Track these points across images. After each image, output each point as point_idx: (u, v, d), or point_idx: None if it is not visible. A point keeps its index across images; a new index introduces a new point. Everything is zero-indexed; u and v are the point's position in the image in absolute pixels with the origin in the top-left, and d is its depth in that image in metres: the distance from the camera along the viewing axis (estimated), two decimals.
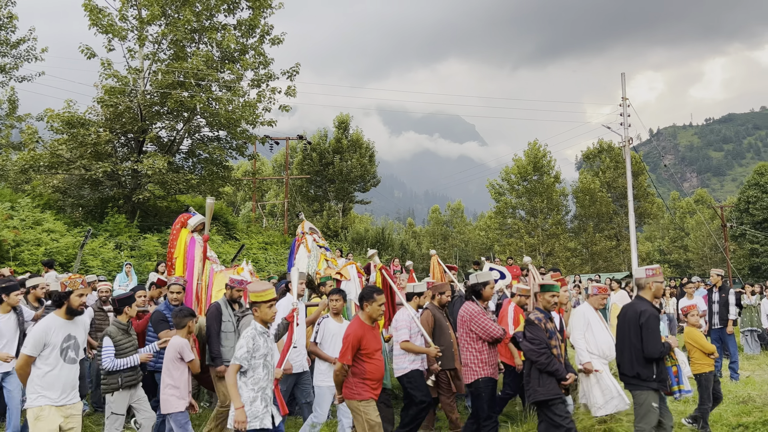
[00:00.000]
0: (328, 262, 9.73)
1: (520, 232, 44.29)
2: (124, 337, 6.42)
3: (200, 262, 8.19)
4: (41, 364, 5.09)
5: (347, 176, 40.19)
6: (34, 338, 5.08)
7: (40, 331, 5.12)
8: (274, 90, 22.84)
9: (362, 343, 5.54)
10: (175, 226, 8.46)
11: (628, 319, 6.19)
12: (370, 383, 5.61)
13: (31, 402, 5.06)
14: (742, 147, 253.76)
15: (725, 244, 43.24)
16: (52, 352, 5.12)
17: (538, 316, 6.11)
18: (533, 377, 5.99)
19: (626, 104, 24.28)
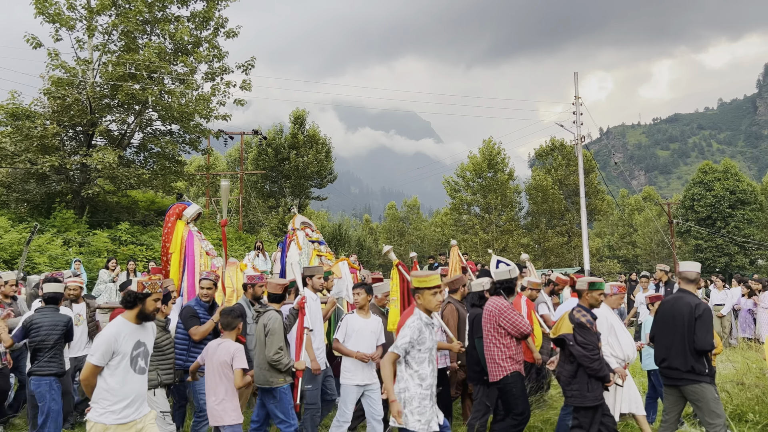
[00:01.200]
0: (321, 257, 9.28)
1: (475, 229, 44.81)
2: (162, 334, 6.12)
3: (200, 258, 7.67)
4: (108, 375, 4.51)
5: (303, 172, 39.91)
6: (102, 345, 4.48)
7: (109, 337, 4.53)
8: (229, 84, 22.51)
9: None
10: (169, 218, 7.80)
11: (677, 313, 5.99)
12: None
13: (95, 416, 4.49)
14: (687, 146, 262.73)
15: (671, 240, 44.72)
16: (121, 361, 4.55)
17: (589, 318, 5.91)
18: (581, 381, 5.80)
19: (579, 103, 24.84)
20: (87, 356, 4.53)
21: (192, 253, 7.62)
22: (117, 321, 4.69)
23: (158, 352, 6.02)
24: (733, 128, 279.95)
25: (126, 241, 19.23)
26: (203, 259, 7.70)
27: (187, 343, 6.58)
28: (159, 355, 6.04)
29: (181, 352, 6.54)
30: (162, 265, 7.86)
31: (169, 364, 6.17)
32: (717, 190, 52.29)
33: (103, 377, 4.51)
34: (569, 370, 5.92)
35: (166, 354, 6.16)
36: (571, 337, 5.86)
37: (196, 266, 7.56)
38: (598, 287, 6.20)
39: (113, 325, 4.65)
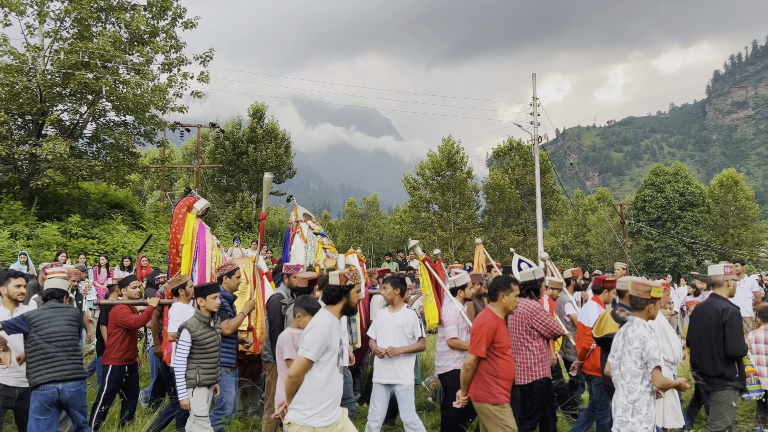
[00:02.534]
0: (327, 250, 8.99)
1: (433, 226, 45.11)
2: (205, 330, 5.84)
3: (212, 250, 7.49)
4: (318, 371, 4.26)
5: (261, 166, 39.47)
6: (319, 340, 4.23)
7: (324, 331, 4.27)
8: (186, 75, 22.11)
9: (496, 336, 5.00)
10: (180, 210, 7.56)
11: (707, 318, 6.01)
12: (503, 383, 5.08)
13: (301, 419, 4.26)
14: (640, 149, 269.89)
15: (623, 240, 45.91)
16: (331, 357, 4.32)
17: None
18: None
19: (536, 104, 25.26)
20: (299, 350, 4.29)
21: (203, 246, 7.44)
22: (325, 315, 4.45)
23: (201, 350, 5.76)
24: (683, 132, 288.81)
25: (77, 234, 18.73)
26: (214, 251, 7.56)
27: None
28: (202, 352, 5.78)
29: None
30: (171, 257, 7.61)
31: (213, 363, 5.88)
32: (667, 192, 53.95)
33: (312, 374, 4.27)
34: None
35: (210, 352, 5.86)
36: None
37: (208, 258, 7.41)
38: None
39: (325, 319, 4.40)
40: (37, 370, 5.42)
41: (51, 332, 5.54)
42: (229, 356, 6.44)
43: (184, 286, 6.76)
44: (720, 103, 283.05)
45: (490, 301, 5.27)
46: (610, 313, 6.07)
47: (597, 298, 7.26)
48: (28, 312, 5.64)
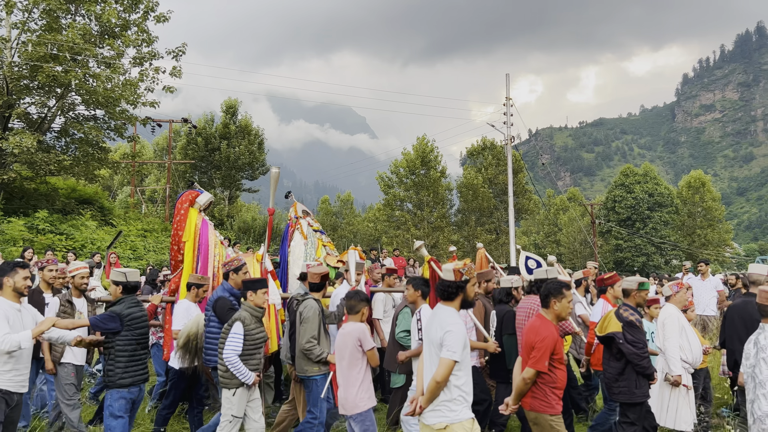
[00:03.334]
0: (326, 247, 8.86)
1: (407, 225, 45.21)
2: (257, 325, 5.68)
3: (215, 247, 7.24)
4: (458, 370, 4.27)
5: (234, 163, 39.13)
6: (461, 339, 4.23)
7: (463, 329, 4.28)
8: (158, 70, 21.82)
9: (556, 348, 4.88)
10: (182, 205, 7.32)
11: (747, 317, 5.91)
12: (559, 393, 4.96)
13: (459, 416, 4.23)
14: (610, 149, 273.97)
15: (593, 240, 46.58)
16: (468, 354, 4.35)
17: (637, 317, 5.92)
18: (629, 378, 5.78)
19: (509, 104, 25.46)
20: (444, 353, 4.22)
21: (206, 242, 7.20)
22: (452, 312, 4.41)
23: (250, 346, 5.56)
24: (653, 134, 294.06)
25: (44, 230, 18.36)
26: (218, 249, 7.33)
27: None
28: (251, 348, 5.58)
29: (216, 347, 6.05)
30: (173, 254, 7.37)
31: (258, 360, 5.68)
32: (637, 193, 54.84)
33: (455, 374, 4.25)
34: (616, 368, 5.90)
35: (258, 349, 5.66)
36: (621, 335, 5.83)
37: (211, 255, 7.19)
38: (646, 287, 6.26)
39: (456, 317, 4.37)
40: (126, 371, 5.48)
41: (142, 333, 5.65)
42: None
43: (200, 287, 6.61)
44: (688, 105, 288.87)
45: (542, 308, 5.13)
46: (614, 312, 6.11)
47: (605, 297, 7.43)
48: (119, 308, 5.59)
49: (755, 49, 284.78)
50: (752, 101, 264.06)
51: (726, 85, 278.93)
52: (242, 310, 5.70)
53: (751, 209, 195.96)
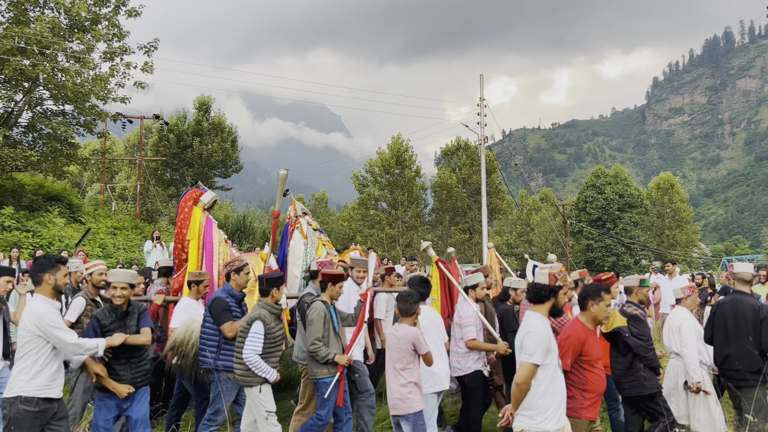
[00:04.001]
0: (326, 247, 8.75)
1: (382, 224, 45.26)
2: (276, 323, 5.59)
3: (219, 245, 7.10)
4: (542, 375, 4.18)
5: (207, 161, 38.70)
6: (542, 343, 4.16)
7: (543, 333, 4.21)
8: (129, 65, 21.45)
9: (584, 348, 4.78)
10: (186, 203, 7.16)
11: (739, 315, 6.00)
12: (591, 396, 4.86)
13: (532, 424, 4.17)
14: (582, 151, 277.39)
15: (565, 240, 47.12)
16: (553, 359, 4.22)
17: (641, 312, 6.05)
18: (637, 372, 5.86)
19: (483, 105, 25.61)
20: (523, 356, 4.17)
21: (210, 241, 7.06)
22: (538, 317, 4.36)
23: (270, 344, 5.50)
24: (624, 136, 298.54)
25: (10, 227, 17.96)
26: (222, 247, 7.20)
27: (217, 339, 5.87)
28: (271, 346, 5.52)
29: (212, 349, 5.86)
30: (176, 253, 7.18)
31: (278, 358, 5.63)
32: (608, 194, 55.64)
33: (537, 378, 4.18)
34: (624, 363, 5.98)
35: (277, 346, 5.62)
36: (626, 330, 5.94)
37: (215, 254, 7.06)
38: (647, 284, 6.47)
39: (540, 321, 4.31)
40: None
41: None
42: (232, 360, 5.98)
43: (199, 283, 6.46)
44: (658, 108, 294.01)
45: (581, 311, 5.08)
46: (618, 310, 6.21)
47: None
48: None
49: (723, 54, 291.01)
50: (719, 105, 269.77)
51: (695, 89, 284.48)
52: (260, 308, 5.61)
53: (718, 211, 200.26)
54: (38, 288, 4.74)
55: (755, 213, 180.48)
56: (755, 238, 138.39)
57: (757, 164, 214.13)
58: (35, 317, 4.51)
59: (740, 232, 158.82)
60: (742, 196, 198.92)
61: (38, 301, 4.65)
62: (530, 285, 4.61)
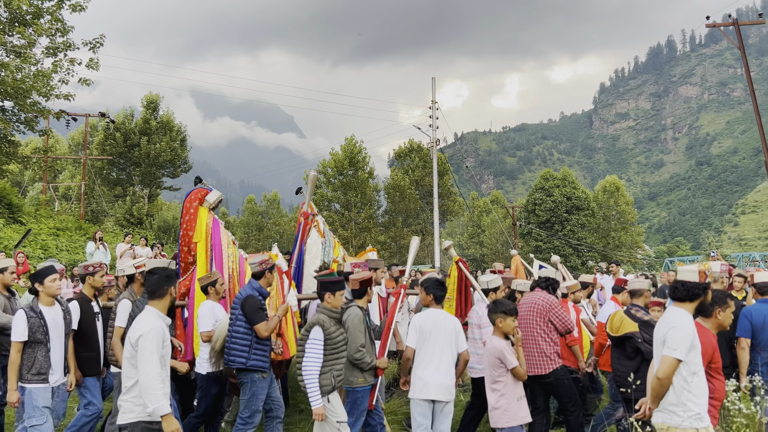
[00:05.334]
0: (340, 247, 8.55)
1: (335, 225, 45.13)
2: (337, 328, 5.36)
3: (228, 247, 6.77)
4: (685, 371, 4.10)
5: (155, 160, 37.87)
6: (686, 339, 4.09)
7: (690, 329, 4.13)
8: (73, 61, 20.79)
9: (714, 356, 4.71)
10: (191, 204, 6.77)
11: None
12: (716, 404, 4.72)
13: (679, 421, 4.08)
14: (532, 154, 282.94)
15: (514, 241, 47.95)
16: (696, 356, 4.15)
17: (651, 317, 6.14)
18: (645, 376, 5.73)
19: (435, 108, 25.84)
20: (666, 350, 4.09)
21: (219, 243, 6.71)
22: (685, 314, 4.28)
23: (333, 350, 5.26)
24: (571, 140, 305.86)
25: None
26: (231, 249, 6.86)
27: (249, 339, 5.72)
28: (334, 352, 5.28)
29: (243, 349, 5.71)
30: (183, 256, 6.82)
31: (342, 364, 5.42)
32: (556, 196, 56.86)
33: (680, 374, 4.10)
34: (630, 366, 6.02)
35: (340, 352, 5.37)
36: (639, 335, 5.96)
37: (225, 257, 6.73)
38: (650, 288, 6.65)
39: (687, 318, 4.22)
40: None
41: None
42: (264, 360, 5.85)
43: (214, 283, 6.21)
44: (605, 113, 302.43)
45: (702, 317, 4.94)
46: (624, 312, 6.27)
47: (615, 298, 7.61)
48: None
49: (666, 61, 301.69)
50: (663, 111, 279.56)
51: (639, 95, 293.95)
52: (320, 312, 5.40)
53: (661, 213, 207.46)
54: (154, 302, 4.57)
55: (696, 216, 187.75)
56: (696, 239, 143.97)
57: (698, 169, 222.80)
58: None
59: (682, 234, 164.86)
60: (684, 199, 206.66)
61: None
62: (678, 282, 4.54)
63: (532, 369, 6.20)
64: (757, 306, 6.29)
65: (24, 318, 5.38)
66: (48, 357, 5.47)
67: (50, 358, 5.49)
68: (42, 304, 5.54)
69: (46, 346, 5.46)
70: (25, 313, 5.42)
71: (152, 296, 4.49)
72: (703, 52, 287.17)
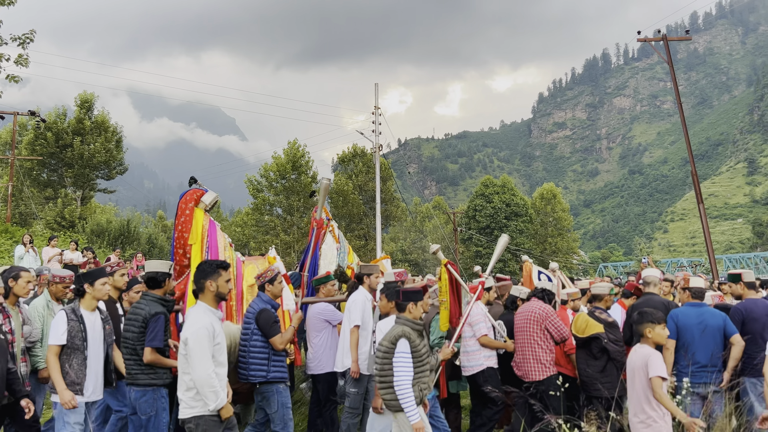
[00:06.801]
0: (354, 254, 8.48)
1: (276, 230, 44.61)
2: (421, 340, 5.06)
3: (225, 250, 6.54)
4: None
5: (89, 161, 36.52)
6: None
7: None
8: (0, 57, 19.84)
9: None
10: (187, 205, 6.47)
11: None
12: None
13: None
14: (473, 161, 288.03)
15: (456, 246, 48.61)
16: None
17: (614, 319, 6.52)
18: (612, 374, 6.25)
19: (378, 113, 25.94)
20: None
21: (215, 246, 6.49)
22: None
23: (418, 363, 5.00)
24: (511, 148, 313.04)
25: None
26: (228, 252, 6.63)
27: (267, 352, 5.68)
28: (419, 365, 5.03)
29: (262, 362, 5.66)
30: (177, 258, 6.50)
31: (428, 376, 5.21)
32: (496, 203, 58.03)
33: None
34: (597, 366, 6.35)
35: (425, 364, 5.13)
36: (605, 336, 6.29)
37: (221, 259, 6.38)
38: (613, 291, 7.08)
39: None
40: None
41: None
42: (283, 371, 5.83)
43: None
44: (543, 123, 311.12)
45: None
46: (588, 315, 6.58)
47: (622, 302, 7.80)
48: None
49: (601, 73, 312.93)
50: (598, 121, 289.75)
51: (576, 105, 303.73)
52: (403, 324, 5.12)
53: (596, 220, 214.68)
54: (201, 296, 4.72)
55: (628, 222, 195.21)
56: (628, 246, 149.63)
57: (630, 177, 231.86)
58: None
59: (615, 240, 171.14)
60: (617, 207, 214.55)
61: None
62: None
63: (528, 375, 6.47)
64: (684, 309, 6.53)
65: (65, 320, 5.05)
66: (84, 366, 5.10)
67: (86, 368, 5.12)
68: (84, 307, 5.22)
69: (83, 354, 5.10)
70: (66, 315, 5.09)
71: (199, 292, 4.71)
72: (635, 65, 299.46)
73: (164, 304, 5.45)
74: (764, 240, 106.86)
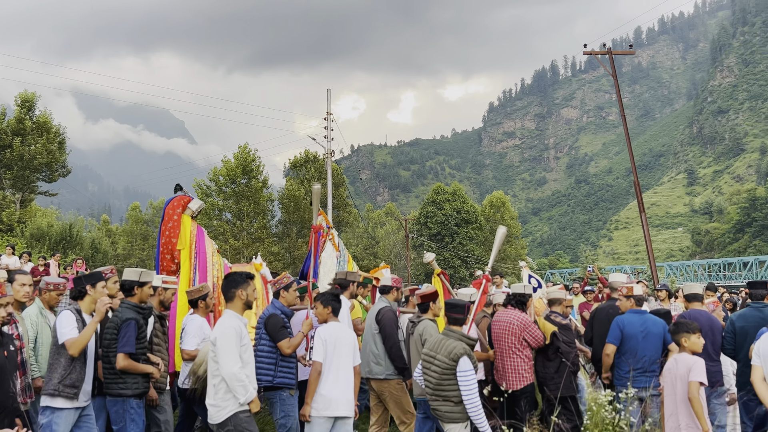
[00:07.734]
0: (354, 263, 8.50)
1: (226, 235, 43.94)
2: (471, 355, 5.18)
3: (212, 256, 6.64)
4: None
5: (29, 163, 35.21)
6: None
7: None
8: None
9: None
10: (175, 211, 6.55)
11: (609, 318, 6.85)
12: None
13: None
14: (425, 168, 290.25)
15: (407, 253, 48.84)
16: None
17: (567, 321, 6.89)
18: (564, 374, 6.50)
19: (331, 119, 25.91)
20: None
21: (203, 251, 6.59)
22: None
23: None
24: (462, 156, 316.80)
25: None
26: (215, 258, 6.73)
27: (274, 357, 5.76)
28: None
29: (269, 367, 5.72)
30: (164, 264, 6.51)
31: (476, 389, 5.31)
32: (446, 210, 58.66)
33: None
34: (552, 367, 6.67)
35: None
36: (559, 336, 6.64)
37: (209, 265, 6.62)
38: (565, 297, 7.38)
39: None
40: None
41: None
42: (291, 377, 5.88)
43: (205, 297, 5.96)
44: (493, 132, 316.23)
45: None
46: (544, 318, 6.87)
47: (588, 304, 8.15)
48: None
49: (549, 84, 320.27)
50: (546, 131, 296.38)
51: (525, 115, 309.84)
52: (457, 340, 5.19)
53: (543, 228, 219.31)
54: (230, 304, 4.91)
55: (574, 230, 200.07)
56: (574, 253, 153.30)
57: (577, 186, 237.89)
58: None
59: (562, 248, 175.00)
60: (564, 215, 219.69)
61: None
62: None
63: (508, 385, 6.60)
64: (628, 316, 6.74)
65: (73, 318, 4.88)
66: (84, 370, 4.94)
67: (84, 372, 4.96)
68: (85, 310, 5.08)
69: (84, 356, 4.95)
70: (73, 313, 4.93)
71: (228, 301, 4.91)
72: (582, 77, 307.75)
73: (139, 311, 5.36)
74: (702, 248, 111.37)
